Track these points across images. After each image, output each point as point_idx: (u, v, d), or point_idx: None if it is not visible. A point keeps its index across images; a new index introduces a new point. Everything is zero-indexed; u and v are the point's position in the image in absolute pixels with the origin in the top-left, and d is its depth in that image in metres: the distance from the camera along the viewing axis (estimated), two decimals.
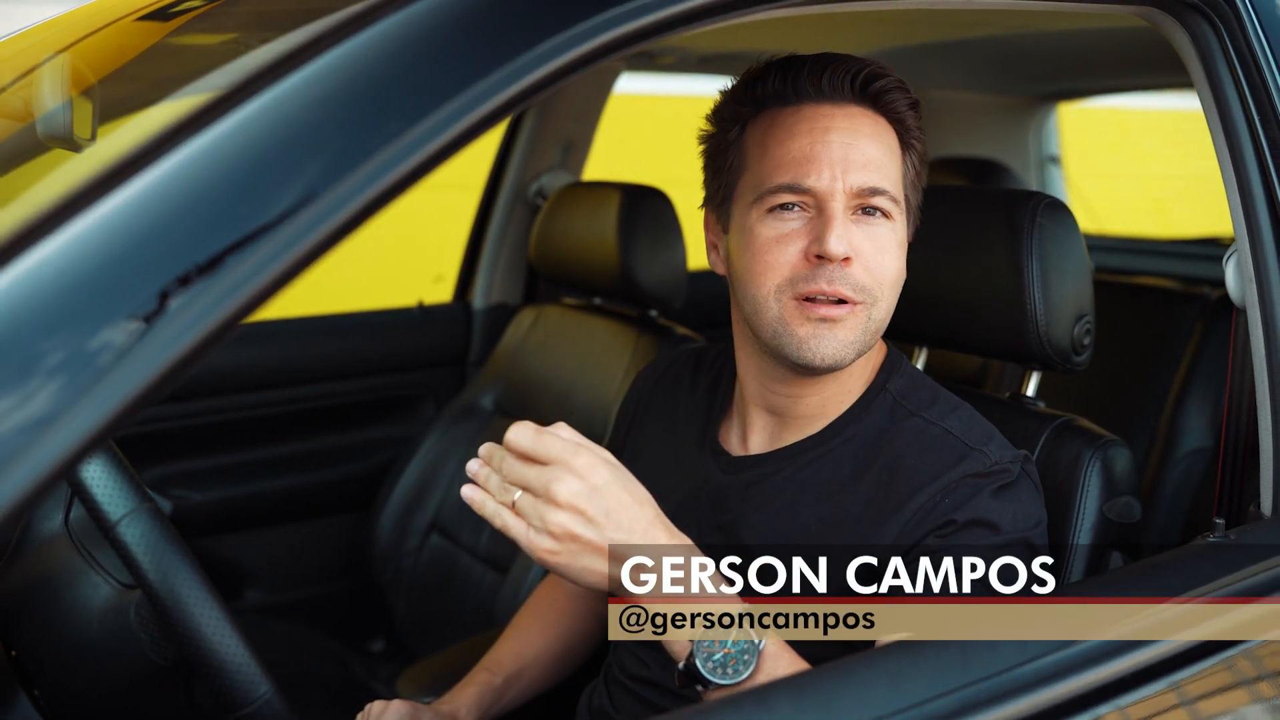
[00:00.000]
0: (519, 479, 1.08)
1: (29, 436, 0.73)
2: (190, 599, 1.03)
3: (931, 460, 1.28)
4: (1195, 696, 1.10)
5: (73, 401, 0.74)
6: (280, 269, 0.83)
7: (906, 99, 1.35)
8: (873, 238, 1.29)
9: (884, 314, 1.31)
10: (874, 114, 1.33)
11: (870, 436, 1.34)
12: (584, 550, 1.08)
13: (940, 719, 0.92)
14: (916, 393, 1.37)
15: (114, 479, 1.04)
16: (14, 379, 0.74)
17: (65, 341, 0.76)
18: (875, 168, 1.30)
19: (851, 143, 1.30)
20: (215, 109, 0.87)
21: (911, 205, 1.37)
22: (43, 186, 1.24)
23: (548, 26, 0.90)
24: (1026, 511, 1.26)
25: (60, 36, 1.58)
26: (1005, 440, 1.32)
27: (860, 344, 1.29)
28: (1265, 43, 1.35)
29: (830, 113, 1.31)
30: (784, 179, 1.29)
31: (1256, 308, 1.35)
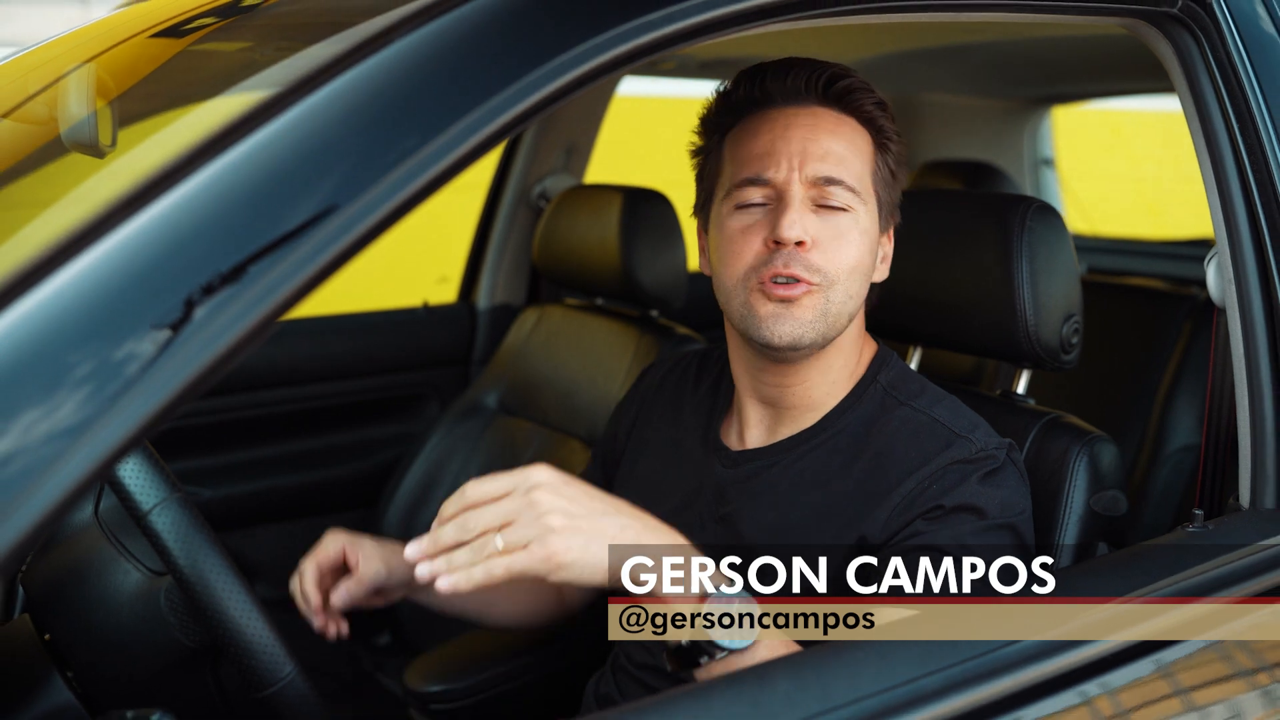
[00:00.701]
0: (493, 521, 1.10)
1: (67, 442, 0.76)
2: (219, 584, 1.08)
3: (920, 446, 1.33)
4: (1176, 677, 1.15)
5: (109, 407, 0.78)
6: (303, 277, 0.87)
7: (871, 98, 1.41)
8: (831, 226, 1.35)
9: (844, 299, 1.36)
10: (839, 113, 1.39)
11: (861, 426, 1.39)
12: (590, 538, 1.11)
13: (931, 694, 0.97)
14: (905, 384, 1.42)
15: (145, 471, 1.09)
16: (52, 388, 0.78)
17: (98, 351, 0.80)
18: (834, 160, 1.36)
19: (811, 137, 1.36)
20: (239, 127, 0.90)
21: (885, 203, 1.42)
22: (79, 198, 1.29)
23: (555, 45, 0.95)
24: (1012, 498, 1.31)
25: (78, 51, 1.63)
26: (991, 429, 1.37)
27: (820, 326, 1.34)
28: (1244, 53, 1.40)
29: (794, 112, 1.38)
30: (747, 174, 1.36)
31: (1235, 308, 1.39)
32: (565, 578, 1.11)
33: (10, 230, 1.15)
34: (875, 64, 2.93)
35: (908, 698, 0.96)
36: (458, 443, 2.54)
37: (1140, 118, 3.66)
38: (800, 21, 1.16)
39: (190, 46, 1.54)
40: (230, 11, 1.54)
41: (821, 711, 0.92)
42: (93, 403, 0.78)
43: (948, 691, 0.98)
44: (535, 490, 1.10)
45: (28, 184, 1.47)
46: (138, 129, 1.46)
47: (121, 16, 1.68)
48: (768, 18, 1.08)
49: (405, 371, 2.85)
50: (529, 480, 1.11)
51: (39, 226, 1.09)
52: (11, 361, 0.78)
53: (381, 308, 2.88)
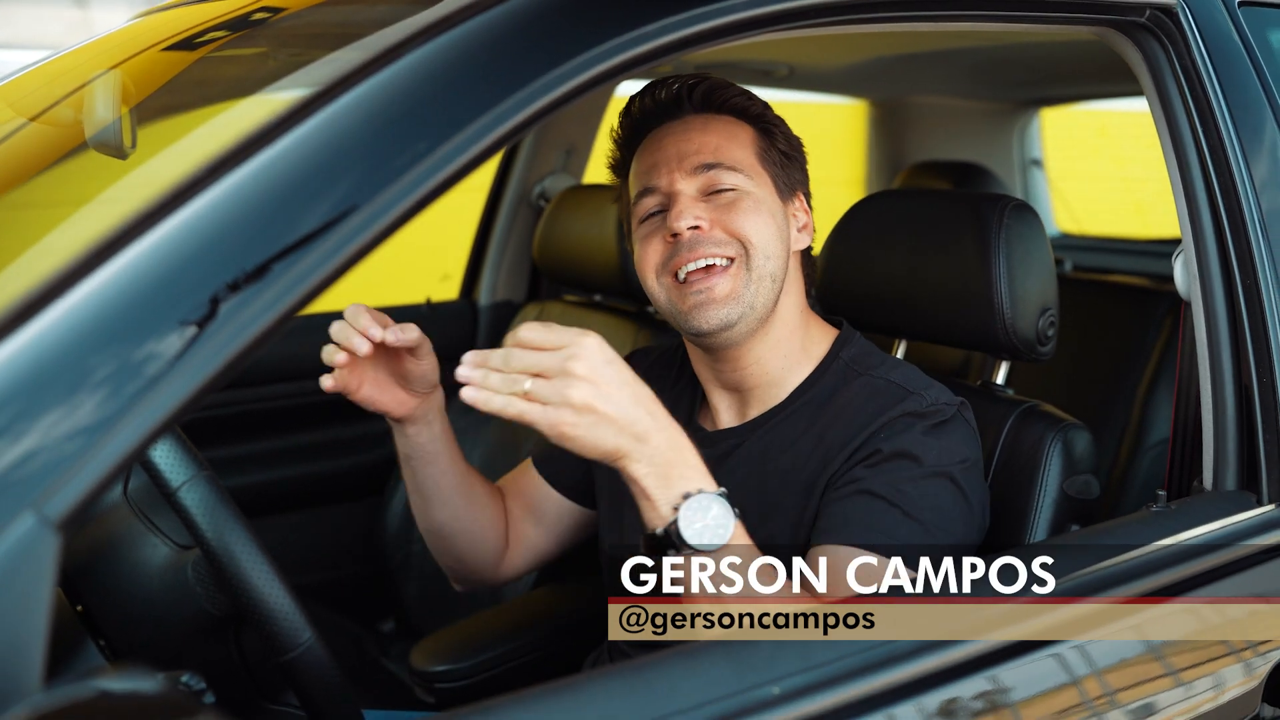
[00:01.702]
0: (532, 366, 1.14)
1: (115, 421, 0.82)
2: (243, 555, 1.15)
3: (876, 404, 1.41)
4: (1145, 638, 1.23)
5: (142, 396, 0.84)
6: (322, 274, 0.93)
7: (734, 91, 1.52)
8: (726, 205, 1.44)
9: (763, 262, 1.42)
10: (707, 115, 1.50)
11: (824, 397, 1.48)
12: (600, 421, 1.15)
13: (906, 654, 1.04)
14: (867, 358, 1.51)
15: (174, 450, 1.17)
16: (96, 378, 0.84)
17: (135, 345, 0.86)
18: (710, 150, 1.46)
19: (682, 139, 1.48)
20: (261, 137, 0.96)
21: (780, 177, 1.50)
22: (116, 202, 1.35)
23: (555, 56, 1.02)
24: (954, 448, 1.37)
25: (101, 58, 1.70)
26: (947, 390, 1.44)
27: (746, 299, 1.42)
28: (1208, 60, 1.47)
29: (666, 128, 1.51)
30: (639, 188, 1.49)
31: (1200, 302, 1.47)
32: (566, 445, 1.16)
33: (50, 229, 1.23)
34: (868, 68, 2.99)
35: (883, 658, 1.04)
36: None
37: (1127, 119, 3.72)
38: (787, 32, 1.23)
39: (206, 55, 1.62)
40: (241, 25, 1.60)
41: (801, 670, 1.00)
42: (132, 389, 0.84)
43: (921, 652, 1.06)
44: (574, 360, 1.14)
45: (57, 184, 1.54)
46: (160, 135, 1.53)
47: (140, 26, 1.75)
48: (754, 29, 1.15)
49: None
50: (575, 347, 1.15)
51: (81, 228, 1.16)
52: (63, 352, 0.85)
53: (386, 304, 2.86)
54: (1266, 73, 1.53)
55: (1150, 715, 1.20)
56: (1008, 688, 1.10)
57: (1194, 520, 1.33)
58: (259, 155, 0.95)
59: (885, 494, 1.33)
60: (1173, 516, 1.33)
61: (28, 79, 1.72)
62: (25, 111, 1.62)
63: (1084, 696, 1.16)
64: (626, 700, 0.94)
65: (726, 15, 1.13)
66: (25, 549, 0.74)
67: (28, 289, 0.87)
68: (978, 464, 1.42)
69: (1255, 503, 1.38)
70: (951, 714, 1.05)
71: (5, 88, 1.69)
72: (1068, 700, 1.15)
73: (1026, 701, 1.12)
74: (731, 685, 0.97)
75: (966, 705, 1.07)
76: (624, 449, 1.17)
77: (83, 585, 1.26)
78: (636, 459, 1.18)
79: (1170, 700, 1.22)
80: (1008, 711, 1.10)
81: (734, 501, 1.39)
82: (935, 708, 1.05)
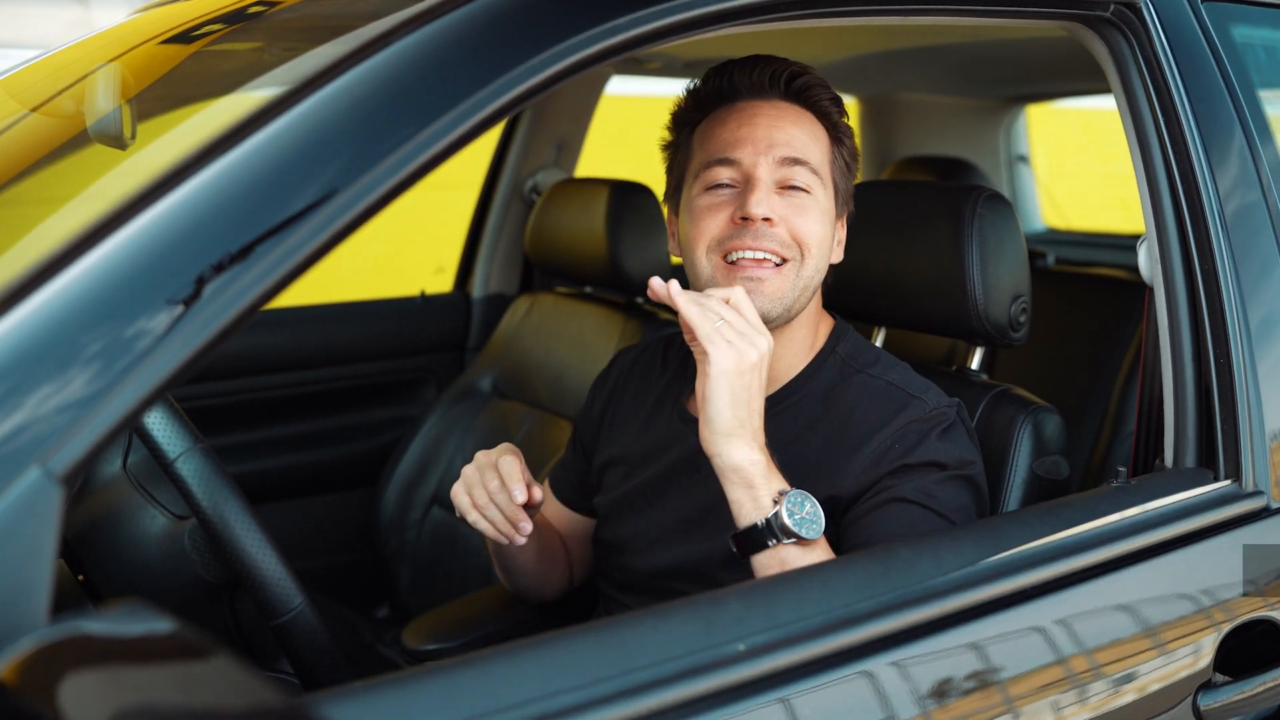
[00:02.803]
0: (727, 313, 1.31)
1: (102, 397, 0.86)
2: (237, 523, 1.21)
3: (879, 409, 1.46)
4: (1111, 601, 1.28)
5: (134, 367, 0.88)
6: (304, 254, 0.96)
7: (828, 95, 1.54)
8: (795, 205, 1.48)
9: (813, 272, 1.49)
10: (799, 107, 1.52)
11: (821, 392, 1.52)
12: (749, 386, 1.30)
13: (865, 616, 1.10)
14: (862, 354, 1.56)
15: (170, 424, 1.22)
16: (88, 352, 0.88)
17: (125, 321, 0.89)
18: (798, 145, 1.49)
19: (776, 125, 1.50)
20: (249, 124, 1.00)
21: (841, 190, 1.55)
22: (111, 186, 1.40)
23: (532, 46, 1.06)
24: (965, 453, 1.45)
25: (100, 52, 1.75)
26: (940, 390, 1.50)
27: (789, 299, 1.47)
28: (1170, 53, 1.51)
29: (759, 105, 1.52)
30: (716, 156, 1.49)
31: (1161, 288, 1.52)
32: (715, 388, 1.29)
33: (51, 213, 1.28)
34: (855, 64, 3.03)
35: (839, 619, 1.09)
36: (454, 424, 2.62)
37: (1112, 116, 3.76)
38: (766, 24, 1.28)
39: (202, 49, 1.67)
40: (237, 18, 1.65)
41: (766, 628, 1.05)
42: (125, 360, 0.88)
43: (879, 614, 1.11)
44: (761, 336, 1.31)
45: (58, 178, 1.59)
46: (157, 125, 1.58)
47: (138, 21, 1.80)
48: (724, 21, 1.20)
49: (404, 357, 2.92)
50: (762, 335, 1.31)
51: (81, 211, 1.20)
52: (60, 327, 0.89)
53: (382, 297, 2.96)
54: (1228, 66, 1.57)
55: (1102, 681, 1.25)
56: (962, 648, 1.16)
57: (1151, 495, 1.38)
58: (244, 143, 0.99)
59: (917, 499, 1.39)
60: (1131, 491, 1.38)
61: (29, 72, 1.77)
62: (27, 103, 1.67)
63: (1039, 661, 1.22)
64: (601, 655, 0.99)
65: (700, 7, 1.17)
66: (32, 500, 0.80)
67: (26, 268, 0.92)
68: (982, 462, 1.48)
69: (1212, 479, 1.43)
70: (904, 669, 1.11)
71: (7, 80, 1.74)
72: (1020, 663, 1.20)
73: (980, 664, 1.17)
74: (700, 642, 1.02)
75: (921, 664, 1.12)
76: (747, 428, 1.30)
77: (84, 555, 1.31)
78: (750, 446, 1.30)
79: (1124, 667, 1.27)
80: (961, 671, 1.15)
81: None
82: (891, 663, 1.10)
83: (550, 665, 0.97)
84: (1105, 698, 1.25)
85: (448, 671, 0.93)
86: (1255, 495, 1.42)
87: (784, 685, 1.04)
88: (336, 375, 2.83)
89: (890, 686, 1.09)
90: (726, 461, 1.30)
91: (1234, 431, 1.43)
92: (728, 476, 1.30)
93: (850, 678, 1.08)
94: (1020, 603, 1.20)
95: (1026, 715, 1.19)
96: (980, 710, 1.16)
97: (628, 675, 0.98)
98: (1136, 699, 1.27)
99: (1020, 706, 1.18)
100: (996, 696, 1.17)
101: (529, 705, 0.93)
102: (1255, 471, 1.42)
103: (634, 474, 1.63)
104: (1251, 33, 1.67)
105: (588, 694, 0.96)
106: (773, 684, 1.04)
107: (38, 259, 0.93)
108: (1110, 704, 1.25)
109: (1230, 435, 1.43)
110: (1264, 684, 1.36)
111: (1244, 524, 1.40)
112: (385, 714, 0.87)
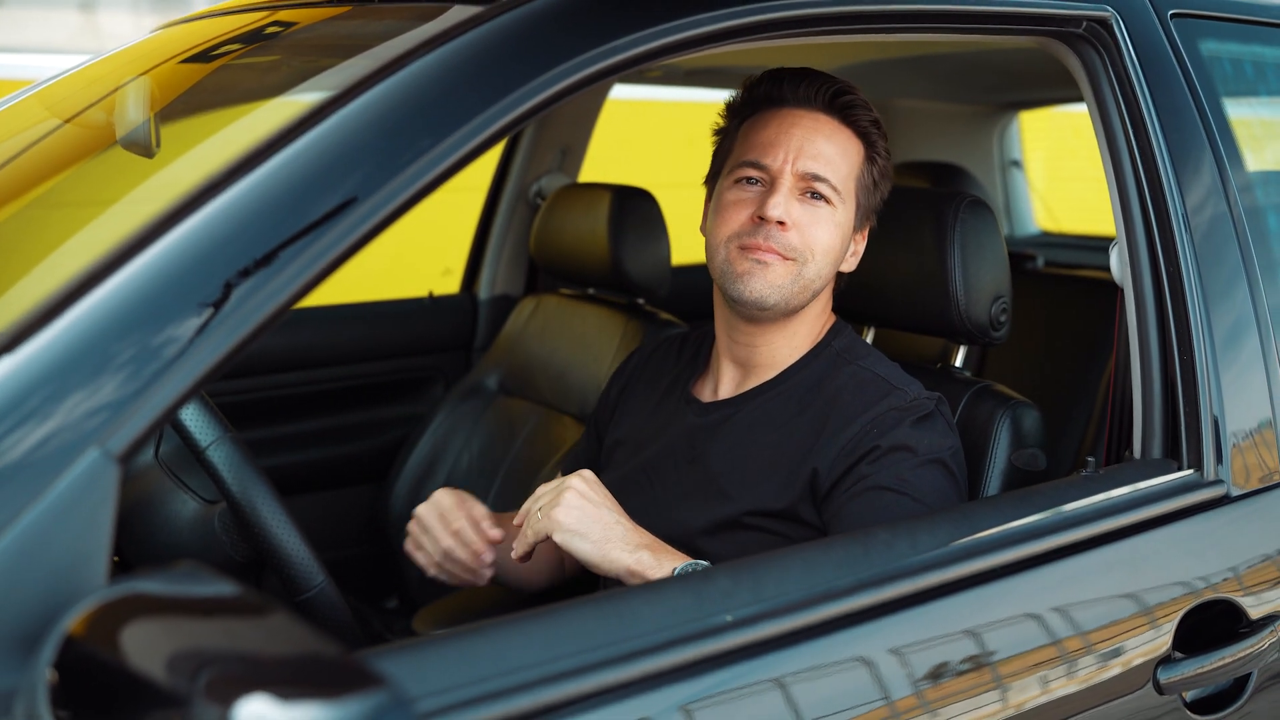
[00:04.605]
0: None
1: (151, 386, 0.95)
2: (264, 506, 1.30)
3: (863, 396, 1.56)
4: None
5: (179, 359, 0.96)
6: (327, 260, 1.03)
7: (869, 115, 1.65)
8: (810, 213, 1.58)
9: (814, 275, 1.59)
10: (838, 122, 1.62)
11: (814, 380, 1.62)
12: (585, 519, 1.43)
13: (842, 592, 1.19)
14: (855, 349, 1.66)
15: (203, 414, 1.31)
16: (131, 352, 0.96)
17: (156, 327, 0.97)
18: (824, 160, 1.59)
19: (809, 137, 1.60)
20: (276, 141, 1.08)
21: (862, 205, 1.64)
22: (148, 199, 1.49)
23: (540, 65, 1.15)
24: (939, 439, 1.54)
25: (128, 67, 1.84)
26: (923, 386, 1.60)
27: (786, 292, 1.57)
28: (1139, 67, 1.60)
29: (800, 114, 1.62)
30: (750, 156, 1.60)
31: (1130, 288, 1.61)
32: (566, 545, 1.42)
33: (86, 225, 1.37)
34: (851, 71, 3.10)
35: (820, 594, 1.18)
36: (460, 421, 2.69)
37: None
38: (761, 42, 1.36)
39: (224, 65, 1.76)
40: (254, 39, 1.73)
41: (752, 602, 1.14)
42: (168, 356, 0.97)
43: (857, 590, 1.21)
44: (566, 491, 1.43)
45: (90, 183, 1.68)
46: (183, 138, 1.67)
47: (160, 39, 1.89)
48: (717, 41, 1.29)
49: (412, 356, 2.98)
50: (561, 488, 1.45)
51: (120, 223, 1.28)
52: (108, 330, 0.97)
53: (391, 298, 3.02)
54: (1195, 79, 1.66)
55: (1068, 655, 1.34)
56: (936, 623, 1.25)
57: (1119, 483, 1.47)
58: (272, 159, 1.07)
59: (892, 485, 1.49)
60: (1100, 479, 1.47)
61: (60, 85, 1.86)
62: (60, 114, 1.77)
63: (1008, 636, 1.31)
64: (597, 625, 1.08)
65: (696, 28, 1.25)
66: (93, 476, 0.89)
67: (72, 277, 1.01)
68: (960, 450, 1.57)
69: (1176, 468, 1.52)
70: (880, 640, 1.20)
71: (41, 93, 1.83)
72: (989, 638, 1.29)
73: (952, 638, 1.26)
74: (691, 614, 1.12)
75: (896, 636, 1.22)
76: (614, 539, 1.42)
77: (120, 538, 1.39)
78: (626, 547, 1.41)
79: (1089, 642, 1.36)
80: (933, 644, 1.24)
81: (719, 465, 1.55)
82: (868, 635, 1.20)
83: (556, 633, 1.06)
84: (1071, 670, 1.34)
85: (465, 637, 1.03)
86: (1215, 484, 1.51)
87: (768, 653, 1.14)
88: (346, 374, 2.89)
89: (867, 655, 1.19)
90: (619, 569, 1.41)
91: (1196, 425, 1.52)
92: (627, 581, 1.41)
93: (829, 647, 1.17)
94: (991, 580, 1.29)
95: (996, 686, 1.28)
96: (951, 679, 1.25)
97: (625, 642, 1.07)
98: (1101, 671, 1.36)
99: (989, 678, 1.27)
100: (966, 666, 1.26)
101: (537, 667, 1.02)
102: (1215, 462, 1.51)
103: (638, 453, 1.74)
104: (1218, 47, 1.76)
105: (589, 658, 1.05)
106: (757, 651, 1.13)
107: (82, 267, 1.02)
108: (1076, 675, 1.34)
109: (1193, 428, 1.52)
110: (1220, 660, 1.45)
111: (1204, 510, 1.49)
112: (410, 671, 0.96)
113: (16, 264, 1.39)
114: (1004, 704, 1.27)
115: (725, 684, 1.11)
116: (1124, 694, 1.38)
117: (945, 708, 1.23)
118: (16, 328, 0.95)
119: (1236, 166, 1.65)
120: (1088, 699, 1.35)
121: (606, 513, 1.45)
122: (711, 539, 1.51)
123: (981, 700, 1.26)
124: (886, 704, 1.19)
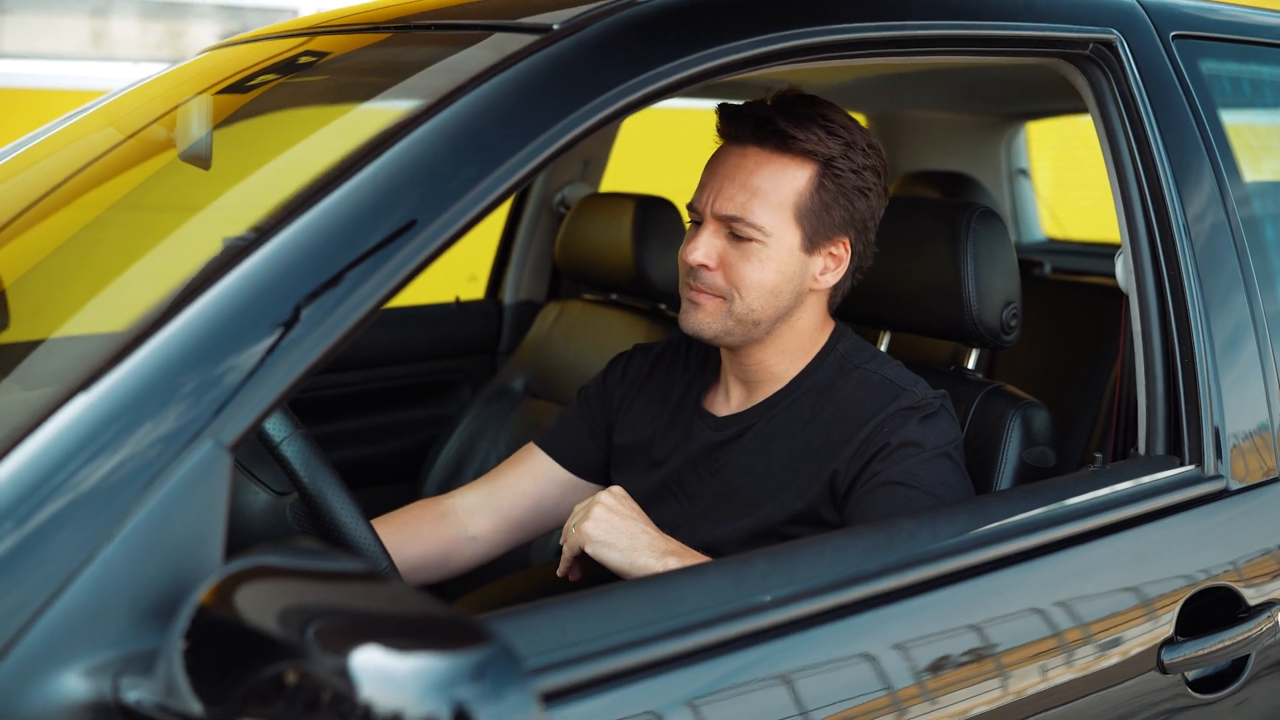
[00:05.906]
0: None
1: (254, 383, 1.03)
2: (334, 497, 1.40)
3: (873, 399, 1.64)
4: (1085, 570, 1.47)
5: (280, 358, 1.04)
6: (393, 281, 1.11)
7: (816, 134, 1.59)
8: (739, 251, 1.62)
9: (746, 310, 1.62)
10: (768, 152, 1.61)
11: (823, 386, 1.70)
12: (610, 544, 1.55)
13: (869, 576, 1.29)
14: (859, 352, 1.73)
15: (277, 413, 1.40)
16: (244, 352, 1.04)
17: (235, 346, 1.05)
18: (744, 199, 1.59)
19: (731, 176, 1.62)
20: (345, 171, 1.15)
21: (815, 226, 1.62)
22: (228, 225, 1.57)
23: (579, 99, 1.23)
24: (945, 433, 1.62)
25: (175, 89, 1.93)
26: (928, 385, 1.68)
27: (719, 327, 1.64)
28: (1143, 86, 1.70)
29: (730, 151, 1.66)
30: (692, 198, 1.67)
31: (1135, 295, 1.70)
32: (599, 556, 1.55)
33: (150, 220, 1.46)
34: (862, 85, 3.19)
35: (849, 577, 1.28)
36: (487, 422, 2.77)
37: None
38: (774, 69, 1.45)
39: (277, 85, 1.84)
40: (290, 68, 1.78)
41: (787, 583, 1.24)
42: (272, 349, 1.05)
43: (883, 574, 1.31)
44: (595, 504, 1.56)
45: (156, 190, 1.78)
46: (238, 162, 1.76)
47: (198, 64, 1.98)
48: (744, 68, 1.38)
49: (440, 360, 3.05)
50: (589, 504, 1.57)
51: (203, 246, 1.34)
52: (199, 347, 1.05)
53: (418, 303, 3.08)
54: (1196, 97, 1.76)
55: (1077, 636, 1.43)
56: (955, 605, 1.35)
57: (1125, 477, 1.57)
58: (340, 188, 1.14)
59: (904, 479, 1.56)
60: (1107, 474, 1.56)
61: (121, 102, 1.97)
62: (124, 130, 1.87)
63: (1021, 618, 1.40)
64: (644, 605, 1.18)
65: (720, 58, 1.33)
66: (208, 464, 0.99)
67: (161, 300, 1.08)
68: (961, 441, 1.65)
69: (1178, 464, 1.61)
70: (904, 620, 1.30)
71: (104, 109, 1.93)
72: (1004, 620, 1.39)
73: (970, 619, 1.36)
74: (732, 594, 1.21)
75: (918, 616, 1.32)
76: (641, 546, 1.54)
77: None
78: (653, 553, 1.52)
79: (1097, 625, 1.45)
80: (953, 624, 1.34)
81: (740, 478, 1.66)
82: (893, 615, 1.30)
83: (608, 611, 1.16)
84: (1080, 651, 1.44)
85: (527, 614, 1.12)
86: (1215, 479, 1.60)
87: (802, 630, 1.24)
88: (377, 376, 2.95)
89: (892, 633, 1.29)
90: (648, 575, 1.48)
91: (1198, 423, 1.62)
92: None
93: (859, 626, 1.27)
94: (1005, 567, 1.39)
95: (1008, 665, 1.38)
96: (969, 657, 1.35)
97: (671, 619, 1.17)
98: (1108, 652, 1.46)
99: (1004, 658, 1.37)
100: (984, 646, 1.35)
101: (592, 641, 1.12)
102: (1215, 458, 1.61)
103: (661, 467, 1.80)
104: (1217, 66, 1.85)
105: (639, 633, 1.15)
106: (793, 629, 1.23)
107: (169, 290, 1.09)
108: (1085, 656, 1.44)
109: (1194, 426, 1.62)
110: (1220, 642, 1.55)
111: (1205, 503, 1.59)
112: None
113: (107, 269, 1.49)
114: (1022, 682, 1.37)
115: (765, 659, 1.20)
116: (1131, 674, 1.48)
117: (965, 687, 1.33)
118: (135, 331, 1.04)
119: (1235, 179, 1.75)
120: (1097, 679, 1.45)
121: (633, 523, 1.54)
122: (743, 550, 1.58)
123: (996, 681, 1.36)
124: (915, 680, 1.28)
